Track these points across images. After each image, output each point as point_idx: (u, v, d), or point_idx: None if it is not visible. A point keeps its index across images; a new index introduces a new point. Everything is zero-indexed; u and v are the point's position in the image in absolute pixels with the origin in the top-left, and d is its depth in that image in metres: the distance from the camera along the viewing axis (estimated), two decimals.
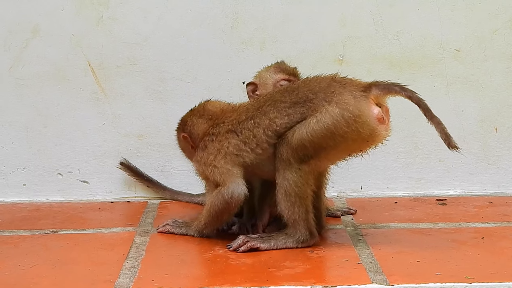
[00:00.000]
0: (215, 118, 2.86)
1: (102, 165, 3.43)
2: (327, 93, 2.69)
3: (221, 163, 2.76)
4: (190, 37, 3.39)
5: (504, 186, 3.47)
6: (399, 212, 3.19)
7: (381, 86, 2.69)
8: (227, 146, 2.76)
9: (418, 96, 2.70)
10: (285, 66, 3.04)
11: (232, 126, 2.79)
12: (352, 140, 2.67)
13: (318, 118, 2.66)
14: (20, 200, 3.42)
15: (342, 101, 2.66)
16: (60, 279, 2.45)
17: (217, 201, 2.76)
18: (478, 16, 3.41)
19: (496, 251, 2.69)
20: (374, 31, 3.40)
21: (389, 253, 2.67)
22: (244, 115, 2.79)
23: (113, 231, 2.99)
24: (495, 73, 3.43)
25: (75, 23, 3.37)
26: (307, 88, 2.73)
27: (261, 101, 2.80)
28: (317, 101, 2.68)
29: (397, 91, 2.69)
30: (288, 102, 2.73)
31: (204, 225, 2.84)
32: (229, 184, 2.73)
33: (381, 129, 2.68)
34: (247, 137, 2.75)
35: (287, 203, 2.71)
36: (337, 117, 2.64)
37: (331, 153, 2.71)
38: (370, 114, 2.66)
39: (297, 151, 2.68)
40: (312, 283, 2.39)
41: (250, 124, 2.76)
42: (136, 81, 3.40)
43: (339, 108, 2.65)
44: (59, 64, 3.38)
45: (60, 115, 3.41)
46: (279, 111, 2.72)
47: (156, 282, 2.41)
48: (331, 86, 2.70)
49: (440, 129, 2.67)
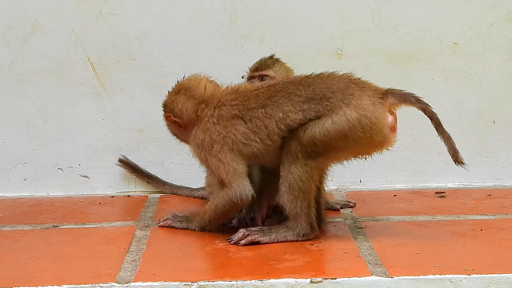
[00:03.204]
0: (203, 98, 2.81)
1: (102, 159, 3.44)
2: (345, 95, 2.67)
3: (227, 159, 2.73)
4: (189, 32, 3.40)
5: (503, 179, 3.48)
6: (398, 205, 3.20)
7: (397, 95, 2.69)
8: (234, 133, 2.73)
9: (432, 110, 2.71)
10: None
11: (238, 112, 2.75)
12: (364, 145, 2.68)
13: (334, 119, 2.65)
14: (21, 195, 3.43)
15: (360, 105, 2.65)
16: (62, 273, 2.46)
17: (223, 202, 2.76)
18: (475, 10, 3.41)
19: (494, 243, 2.70)
20: (372, 25, 3.41)
21: (389, 245, 2.68)
22: (253, 102, 2.75)
23: (113, 225, 3.00)
24: (493, 66, 3.44)
25: (74, 18, 3.37)
26: (324, 85, 2.71)
27: (272, 90, 2.75)
28: (335, 101, 2.67)
29: (412, 102, 2.70)
30: (303, 97, 2.70)
31: (208, 222, 2.83)
32: (236, 187, 2.72)
33: (392, 137, 2.70)
34: (257, 127, 2.72)
35: (290, 197, 2.71)
36: (354, 121, 2.64)
37: (339, 153, 2.71)
38: (385, 122, 2.67)
39: (306, 148, 2.67)
40: (312, 276, 2.40)
41: (261, 114, 2.72)
42: (136, 76, 3.41)
43: (357, 113, 2.64)
44: (59, 60, 3.39)
45: (60, 110, 3.42)
46: (293, 104, 2.70)
47: (157, 276, 2.42)
48: (350, 88, 2.69)
49: (449, 145, 2.68)
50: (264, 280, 2.37)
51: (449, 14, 3.41)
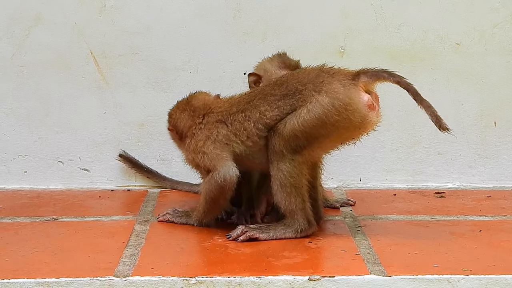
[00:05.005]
0: (198, 111, 2.88)
1: (103, 153, 3.44)
2: (316, 84, 2.70)
3: (210, 149, 2.78)
4: (192, 27, 3.40)
5: (502, 180, 3.48)
6: (398, 204, 3.21)
7: (369, 73, 2.70)
8: (217, 134, 2.79)
9: (406, 81, 2.71)
10: (289, 60, 3.04)
11: (222, 117, 2.81)
12: (344, 128, 2.69)
13: (309, 108, 2.67)
14: (21, 187, 3.43)
15: (331, 90, 2.67)
16: (60, 266, 2.46)
17: (210, 187, 2.78)
18: (479, 10, 3.41)
19: (493, 244, 2.71)
20: (375, 24, 3.41)
21: (387, 244, 2.68)
22: (235, 108, 2.81)
23: (113, 219, 3.00)
24: (495, 67, 3.44)
25: (77, 12, 3.37)
26: (296, 80, 2.74)
27: (252, 95, 2.82)
28: (307, 92, 2.70)
29: (385, 77, 2.70)
30: (278, 95, 2.74)
31: (203, 214, 2.85)
32: (220, 168, 2.76)
33: (372, 116, 2.69)
34: (237, 129, 2.77)
35: (283, 194, 2.72)
36: (327, 106, 2.66)
37: (323, 142, 2.72)
38: (360, 101, 2.67)
39: (289, 142, 2.69)
40: (310, 273, 2.40)
41: (241, 117, 2.77)
42: (138, 70, 3.41)
43: (329, 97, 2.66)
44: (61, 53, 3.39)
45: (62, 103, 3.42)
46: (269, 104, 2.74)
47: (155, 270, 2.42)
48: (320, 76, 2.72)
49: (430, 112, 2.69)
50: (262, 277, 2.38)
51: (452, 14, 3.41)
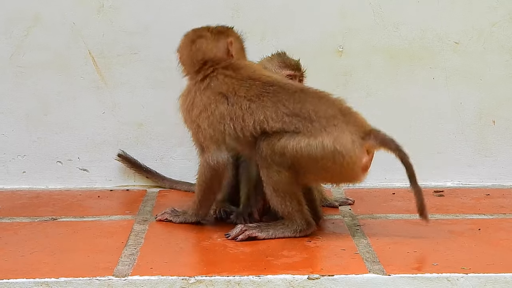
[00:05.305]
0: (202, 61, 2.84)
1: (102, 153, 3.44)
2: (329, 124, 2.65)
3: (204, 125, 2.75)
4: (191, 27, 3.37)
5: (501, 179, 3.48)
6: (397, 203, 3.21)
7: (379, 139, 2.69)
8: (214, 109, 2.74)
9: (409, 161, 2.73)
10: (289, 60, 3.04)
11: (226, 90, 2.75)
12: (332, 175, 2.70)
13: (311, 142, 2.64)
14: (19, 187, 3.43)
15: (340, 140, 2.64)
16: (60, 266, 2.46)
17: (204, 170, 2.78)
18: (477, 9, 3.41)
19: (492, 242, 2.71)
20: (374, 23, 3.41)
21: (386, 243, 2.68)
22: (243, 91, 2.73)
23: (112, 219, 3.00)
24: (494, 66, 3.44)
25: (76, 12, 3.37)
26: (313, 107, 2.68)
27: (265, 89, 2.73)
28: (317, 126, 2.65)
29: (392, 148, 2.71)
30: (289, 110, 2.68)
31: (199, 204, 2.84)
32: (213, 151, 2.74)
33: (362, 176, 2.73)
34: (236, 115, 2.71)
35: (278, 199, 2.71)
36: (328, 152, 2.63)
37: (306, 174, 2.70)
38: (359, 162, 2.67)
39: (275, 155, 2.66)
40: (309, 272, 2.40)
41: (245, 105, 2.71)
42: (137, 70, 3.41)
43: (334, 146, 2.63)
44: (60, 53, 3.39)
45: (61, 103, 3.42)
46: (277, 113, 2.68)
47: (154, 270, 2.42)
48: (336, 118, 2.66)
49: (419, 198, 2.71)
50: (261, 276, 2.38)
51: (450, 13, 3.41)
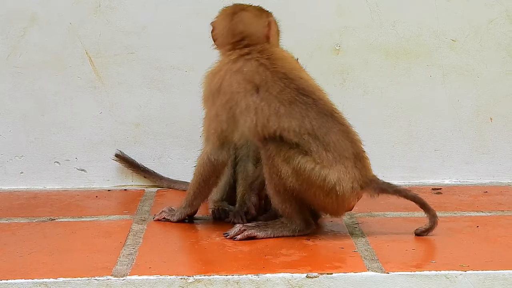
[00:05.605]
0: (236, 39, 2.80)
1: (99, 153, 3.44)
2: (341, 162, 2.64)
3: (223, 116, 2.70)
4: (187, 26, 3.40)
5: (499, 176, 3.48)
6: (395, 201, 3.18)
7: (378, 188, 2.70)
8: (241, 99, 2.67)
9: (413, 195, 2.74)
10: None
11: (259, 81, 2.67)
12: (318, 202, 2.69)
13: (316, 169, 2.63)
14: (17, 188, 3.43)
15: (342, 183, 2.64)
16: (58, 266, 2.46)
17: (202, 162, 2.78)
18: (474, 6, 3.41)
19: (490, 239, 2.71)
20: (371, 21, 3.41)
21: (385, 241, 2.68)
22: (277, 90, 2.66)
23: (110, 219, 3.00)
24: (491, 63, 3.44)
25: (72, 12, 3.37)
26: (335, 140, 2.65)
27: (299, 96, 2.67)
28: (330, 157, 2.64)
29: (391, 193, 2.73)
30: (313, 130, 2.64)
31: (193, 196, 2.84)
32: (216, 148, 2.74)
33: (342, 215, 2.80)
34: (263, 112, 2.64)
35: (278, 198, 2.71)
36: (327, 187, 2.63)
37: (297, 189, 2.67)
38: (347, 206, 2.71)
39: (279, 159, 2.65)
40: (308, 271, 2.40)
41: (274, 106, 2.65)
42: (134, 69, 3.41)
43: (334, 184, 2.63)
44: (56, 53, 3.39)
45: (58, 104, 3.41)
46: (300, 127, 2.63)
47: (153, 269, 2.42)
48: (348, 160, 2.65)
49: (432, 221, 2.71)
50: (260, 275, 2.38)
51: (447, 10, 3.42)
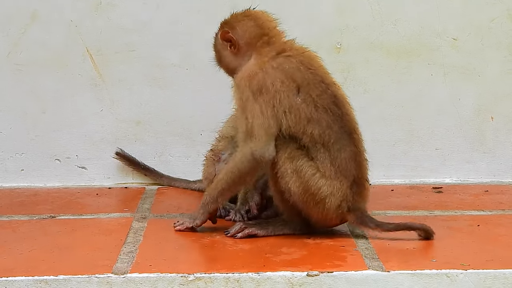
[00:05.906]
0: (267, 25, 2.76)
1: (100, 151, 3.44)
2: (340, 178, 2.63)
3: (268, 112, 2.59)
4: (188, 23, 3.40)
5: (500, 175, 3.48)
6: (395, 200, 3.21)
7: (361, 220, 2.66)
8: (284, 98, 2.60)
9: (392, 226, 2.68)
10: None
11: (300, 80, 2.61)
12: (307, 208, 2.66)
13: (316, 176, 2.62)
14: (18, 185, 3.43)
15: (332, 198, 2.63)
16: (58, 264, 2.46)
17: (243, 159, 2.61)
18: (475, 5, 3.41)
19: (491, 238, 2.71)
20: (372, 19, 3.41)
21: (385, 239, 2.68)
22: (316, 92, 2.62)
23: (110, 216, 3.00)
24: (492, 62, 3.44)
25: (73, 9, 3.37)
26: (345, 158, 2.64)
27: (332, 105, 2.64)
28: (332, 171, 2.63)
29: (372, 228, 2.67)
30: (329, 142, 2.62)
31: (221, 192, 2.68)
32: (263, 144, 2.59)
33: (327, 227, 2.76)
34: (299, 113, 2.61)
35: (280, 196, 2.70)
36: (319, 196, 2.63)
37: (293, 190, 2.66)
38: (328, 223, 2.71)
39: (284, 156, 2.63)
40: (308, 269, 2.40)
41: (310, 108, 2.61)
42: (134, 67, 3.41)
43: (325, 197, 2.62)
44: (57, 50, 3.39)
45: (58, 101, 3.41)
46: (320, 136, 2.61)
47: (153, 267, 2.42)
48: (347, 180, 2.64)
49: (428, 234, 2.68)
50: (260, 273, 2.38)
51: (448, 9, 3.41)
